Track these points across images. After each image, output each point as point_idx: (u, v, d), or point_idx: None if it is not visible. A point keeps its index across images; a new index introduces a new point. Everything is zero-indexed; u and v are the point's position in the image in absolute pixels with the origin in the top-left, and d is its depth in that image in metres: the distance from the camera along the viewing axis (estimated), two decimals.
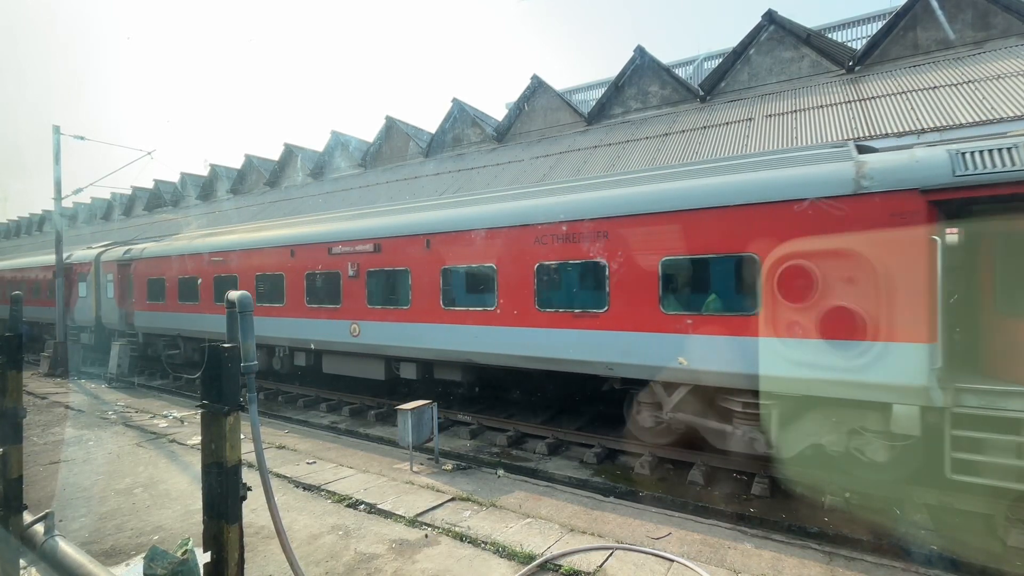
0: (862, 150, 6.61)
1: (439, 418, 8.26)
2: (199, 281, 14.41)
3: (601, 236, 7.74)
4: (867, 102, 13.06)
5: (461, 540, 5.31)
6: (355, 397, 12.40)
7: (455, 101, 22.24)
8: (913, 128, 11.31)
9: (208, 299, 14.08)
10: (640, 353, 7.37)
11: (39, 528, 4.14)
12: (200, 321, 14.42)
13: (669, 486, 7.42)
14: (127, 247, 17.75)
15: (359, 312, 10.74)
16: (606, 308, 7.68)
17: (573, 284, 8.07)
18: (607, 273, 7.66)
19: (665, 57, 24.04)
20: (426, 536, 5.42)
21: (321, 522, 5.78)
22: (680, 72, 21.32)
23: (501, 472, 7.66)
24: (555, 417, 10.29)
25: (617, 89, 18.61)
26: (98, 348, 18.14)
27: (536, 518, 5.82)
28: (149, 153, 18.15)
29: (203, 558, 3.01)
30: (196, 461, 7.58)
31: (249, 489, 3.09)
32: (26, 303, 21.40)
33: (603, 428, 9.47)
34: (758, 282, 6.46)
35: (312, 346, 11.77)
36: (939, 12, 13.39)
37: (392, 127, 24.40)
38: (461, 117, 22.40)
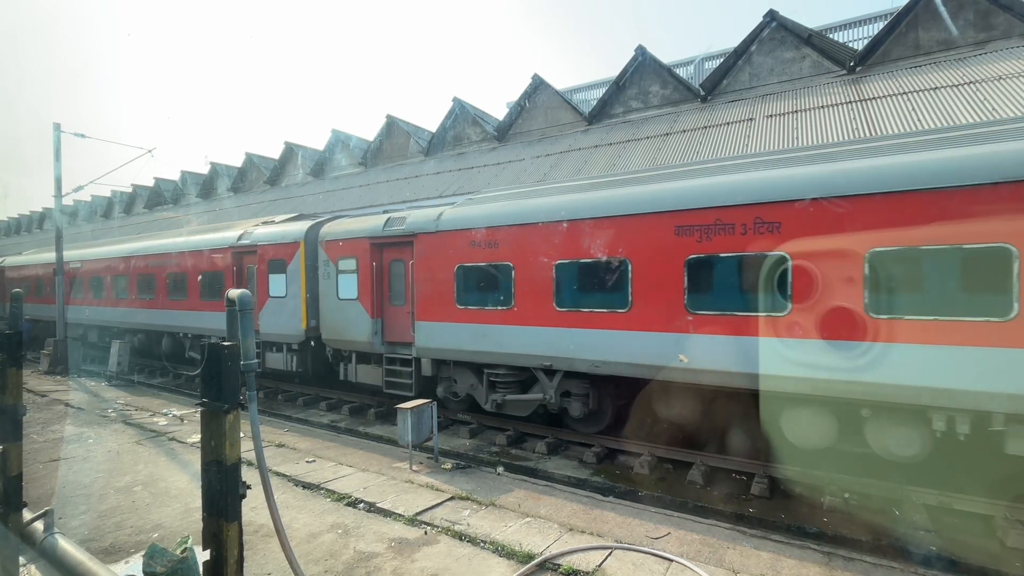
0: None
1: (439, 417, 8.27)
2: (612, 266, 7.81)
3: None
4: (868, 103, 13.05)
5: (460, 539, 5.32)
6: (355, 396, 12.40)
7: (456, 100, 22.22)
8: (914, 129, 11.29)
9: (645, 303, 7.53)
10: None
11: (39, 525, 4.15)
12: (619, 345, 7.76)
13: (668, 486, 7.43)
14: (390, 215, 11.05)
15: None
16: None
17: None
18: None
19: (667, 57, 24.03)
20: (425, 535, 5.42)
21: (320, 521, 5.78)
22: (681, 72, 21.29)
23: (501, 469, 7.67)
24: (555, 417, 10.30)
25: (618, 88, 18.59)
26: (321, 375, 12.86)
27: (535, 517, 5.83)
28: (150, 151, 18.14)
29: (202, 556, 3.02)
30: (196, 459, 7.60)
31: (248, 487, 3.09)
32: (99, 303, 18.95)
33: (602, 428, 9.47)
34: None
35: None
36: (942, 9, 13.35)
37: (393, 125, 24.38)
38: (462, 116, 22.38)
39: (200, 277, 14.49)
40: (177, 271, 15.39)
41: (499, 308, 8.96)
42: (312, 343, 12.11)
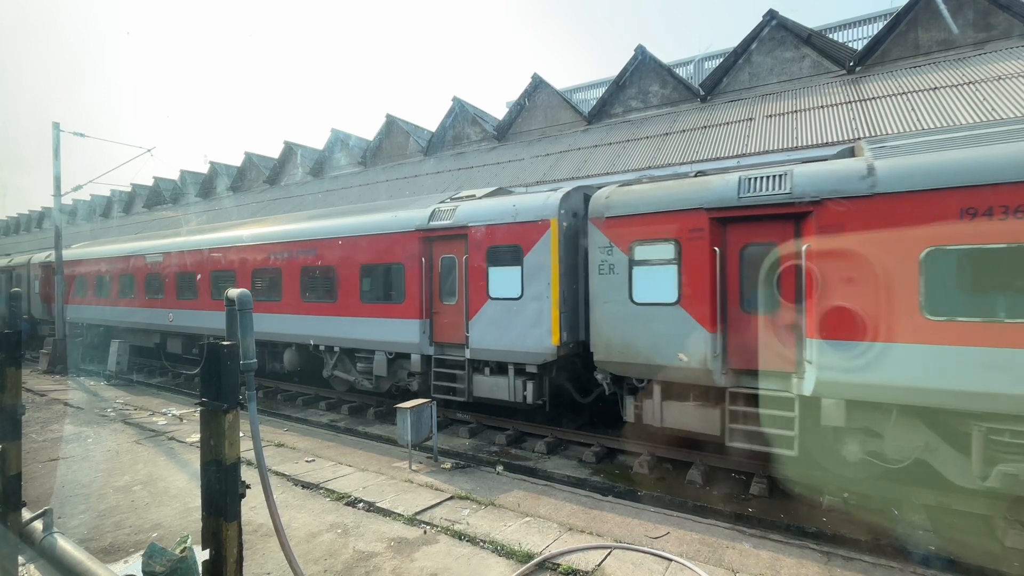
0: None
1: (438, 416, 8.27)
2: None
3: None
4: (868, 103, 13.05)
5: (460, 538, 5.32)
6: (354, 395, 12.39)
7: (455, 99, 22.22)
8: (913, 129, 11.30)
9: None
10: None
11: (38, 525, 4.14)
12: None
13: (668, 485, 7.43)
14: (740, 174, 7.45)
15: None
16: None
17: None
18: None
19: (667, 57, 24.03)
20: (425, 534, 5.42)
21: (320, 520, 5.78)
22: (681, 72, 21.28)
23: (500, 468, 7.67)
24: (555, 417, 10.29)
25: (618, 88, 18.59)
26: (566, 409, 10.09)
27: (535, 517, 5.83)
28: (149, 150, 18.14)
29: (202, 555, 3.02)
30: (195, 459, 7.59)
31: (248, 487, 3.09)
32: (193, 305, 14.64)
33: (602, 427, 9.48)
34: None
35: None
36: (943, 8, 13.35)
37: (392, 125, 24.37)
38: (461, 115, 22.38)
39: (359, 273, 10.92)
40: (318, 265, 11.61)
41: None
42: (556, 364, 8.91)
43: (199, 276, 14.37)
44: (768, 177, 6.80)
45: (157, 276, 15.86)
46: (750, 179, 6.89)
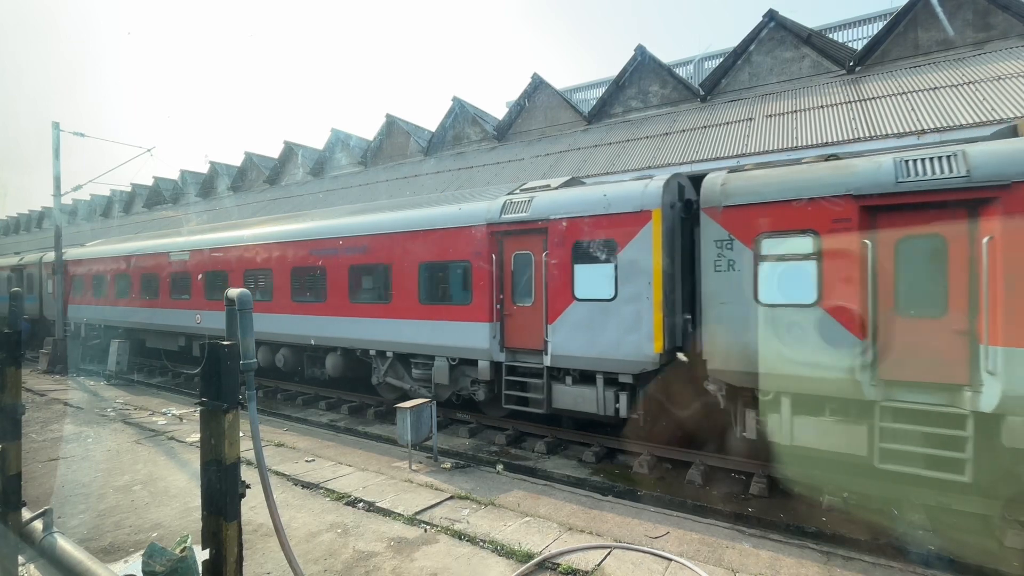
0: None
1: (438, 416, 8.27)
2: None
3: None
4: (867, 102, 13.06)
5: (459, 538, 5.32)
6: (354, 395, 12.39)
7: (455, 99, 22.23)
8: (913, 129, 11.31)
9: None
10: None
11: (38, 525, 4.14)
12: None
13: (667, 485, 7.43)
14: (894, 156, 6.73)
15: None
16: None
17: None
18: None
19: (667, 56, 24.03)
20: (424, 534, 5.43)
21: (320, 520, 5.78)
22: (680, 71, 21.29)
23: (500, 468, 7.67)
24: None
25: (618, 88, 18.60)
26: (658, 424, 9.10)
27: (535, 517, 5.83)
28: (149, 150, 18.13)
29: (202, 555, 3.02)
30: (195, 458, 7.60)
31: (248, 487, 3.09)
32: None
33: (602, 427, 9.48)
34: None
35: None
36: (938, 10, 13.37)
37: (392, 125, 24.37)
38: (461, 115, 22.39)
39: (417, 272, 10.01)
40: (370, 263, 10.72)
41: None
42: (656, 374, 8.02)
43: (231, 275, 13.53)
44: (934, 159, 5.94)
45: (183, 275, 14.94)
46: (910, 161, 6.03)
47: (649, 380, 7.93)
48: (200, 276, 14.44)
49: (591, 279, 8.12)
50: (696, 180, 7.84)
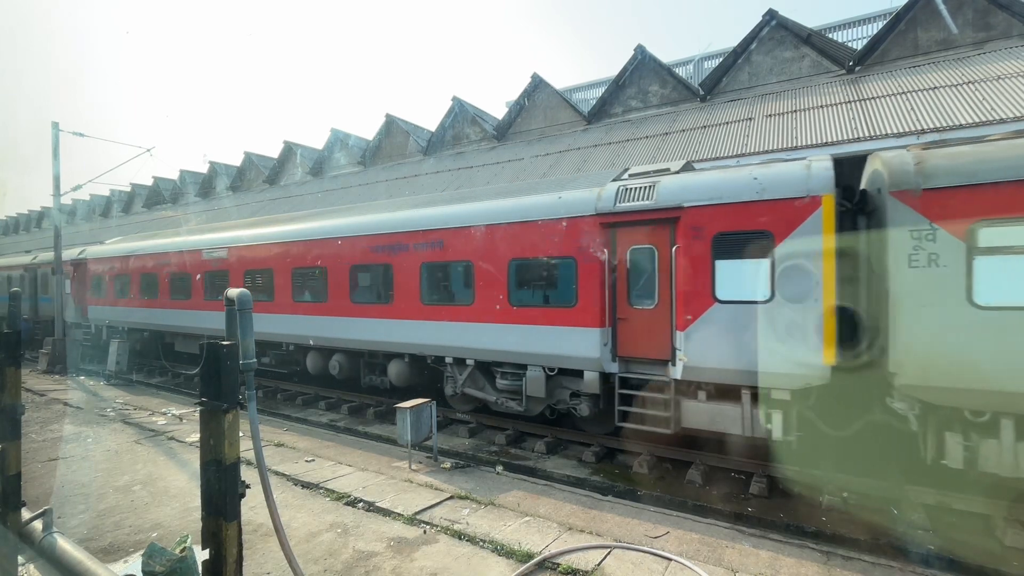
0: None
1: (438, 416, 8.27)
2: None
3: None
4: (867, 102, 13.07)
5: (459, 538, 5.32)
6: (354, 395, 12.39)
7: (455, 99, 22.23)
8: (913, 129, 11.32)
9: None
10: None
11: (37, 525, 4.14)
12: None
13: (667, 485, 7.43)
14: None
15: None
16: None
17: None
18: None
19: (667, 56, 24.02)
20: (424, 534, 5.42)
21: (319, 520, 5.78)
22: (680, 71, 21.31)
23: (500, 468, 7.67)
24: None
25: (618, 88, 18.61)
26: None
27: (534, 516, 5.83)
28: (148, 150, 18.13)
29: (201, 555, 3.02)
30: (195, 458, 7.60)
31: (248, 487, 3.09)
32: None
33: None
34: None
35: None
36: (942, 7, 13.37)
37: (392, 125, 24.37)
38: (461, 115, 22.39)
39: (507, 269, 8.85)
40: (448, 260, 9.61)
41: None
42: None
43: (275, 273, 12.34)
44: None
45: (218, 274, 13.69)
46: None
47: (810, 396, 6.76)
48: (237, 276, 13.33)
49: (738, 277, 6.92)
50: (839, 163, 6.84)
